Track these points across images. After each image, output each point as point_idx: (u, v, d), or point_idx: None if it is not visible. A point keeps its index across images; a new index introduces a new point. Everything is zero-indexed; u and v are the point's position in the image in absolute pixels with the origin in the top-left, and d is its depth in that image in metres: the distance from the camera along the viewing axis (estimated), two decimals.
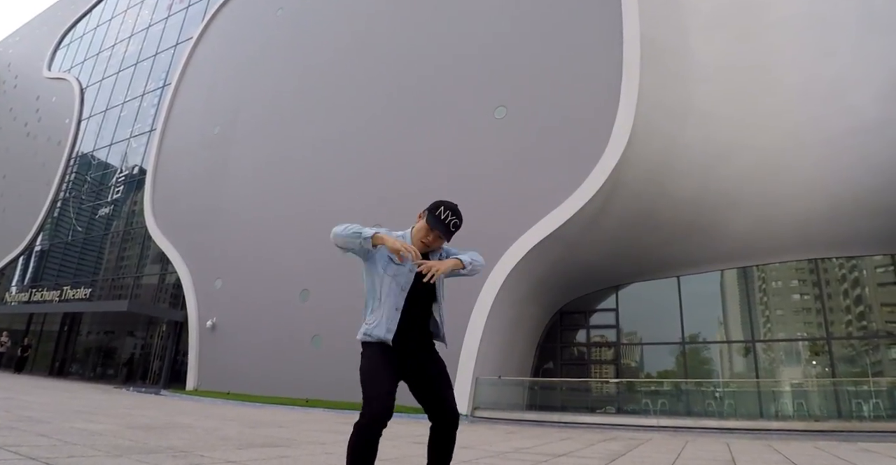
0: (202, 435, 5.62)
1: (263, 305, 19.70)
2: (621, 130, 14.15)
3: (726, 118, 14.38)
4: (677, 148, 14.67)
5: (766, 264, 17.89)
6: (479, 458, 5.06)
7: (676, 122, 14.62)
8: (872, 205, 14.68)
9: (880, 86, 13.49)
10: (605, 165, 14.12)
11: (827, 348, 16.87)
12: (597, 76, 15.35)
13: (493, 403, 15.79)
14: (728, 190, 15.17)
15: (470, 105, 17.52)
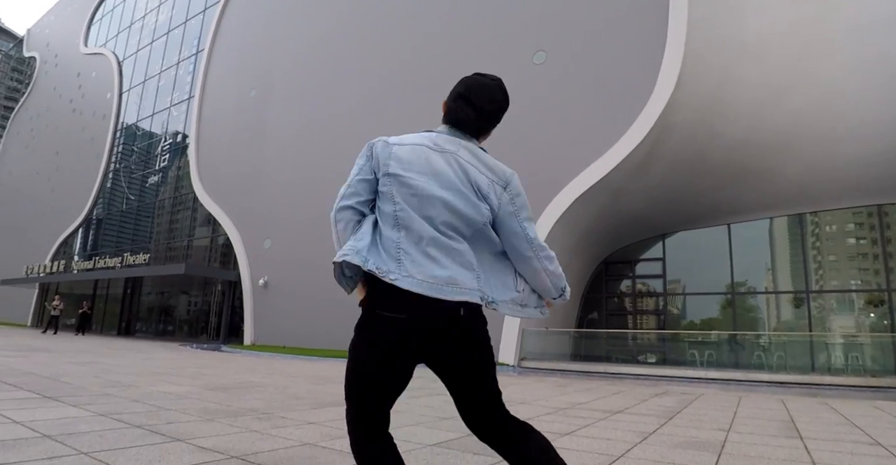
0: (275, 395, 5.98)
1: (312, 262, 20.25)
2: (670, 68, 13.56)
3: (782, 52, 13.58)
4: (729, 85, 14.00)
5: (823, 210, 17.28)
6: (540, 415, 5.25)
7: (728, 57, 13.86)
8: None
9: None
10: (653, 108, 13.64)
11: (887, 297, 16.38)
12: (642, 11, 14.62)
13: (539, 353, 16.12)
14: (783, 130, 14.51)
15: (508, 50, 17.04)
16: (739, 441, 4.17)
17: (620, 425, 4.81)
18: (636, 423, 4.93)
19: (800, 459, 3.57)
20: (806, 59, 13.48)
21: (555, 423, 4.74)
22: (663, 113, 13.32)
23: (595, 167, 14.36)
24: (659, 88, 13.44)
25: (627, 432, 4.44)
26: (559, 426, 4.60)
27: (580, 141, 14.84)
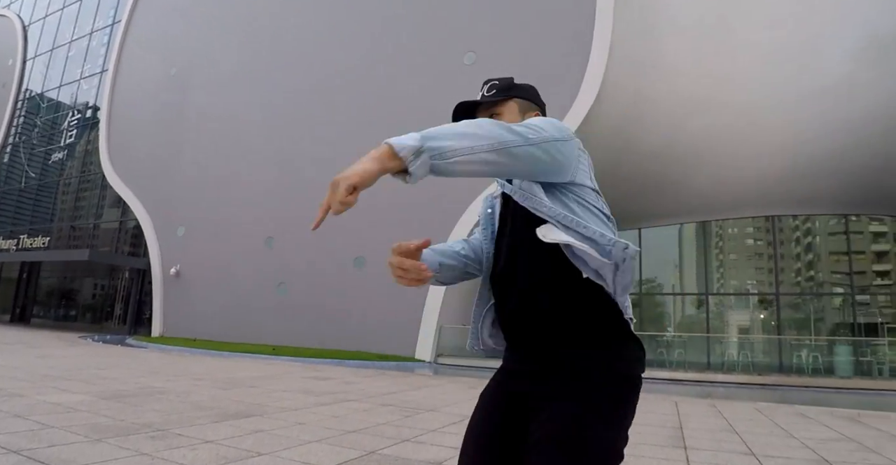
0: (176, 404, 5.78)
1: (228, 252, 19.58)
2: (592, 81, 14.13)
3: (695, 74, 14.43)
4: (645, 102, 14.74)
5: (725, 219, 18.59)
6: (445, 425, 5.37)
7: (646, 75, 14.60)
8: (831, 166, 15.20)
9: (852, 47, 13.60)
10: (575, 116, 14.16)
11: (775, 300, 17.88)
12: (568, 25, 15.11)
13: (457, 349, 16.39)
14: (693, 145, 15.47)
15: (440, 49, 17.10)
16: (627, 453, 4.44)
17: None
18: None
19: None
20: (714, 82, 14.37)
21: (459, 436, 4.86)
22: (583, 123, 13.84)
23: None
24: (580, 99, 13.95)
25: None
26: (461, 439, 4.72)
27: None
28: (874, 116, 14.09)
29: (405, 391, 8.17)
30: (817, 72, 13.84)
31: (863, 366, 16.31)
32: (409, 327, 15.95)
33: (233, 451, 3.86)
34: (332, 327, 16.89)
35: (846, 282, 18.59)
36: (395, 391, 8.04)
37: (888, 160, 14.94)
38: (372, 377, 10.18)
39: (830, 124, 14.42)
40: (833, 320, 18.36)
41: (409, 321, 15.95)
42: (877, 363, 16.41)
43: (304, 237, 17.66)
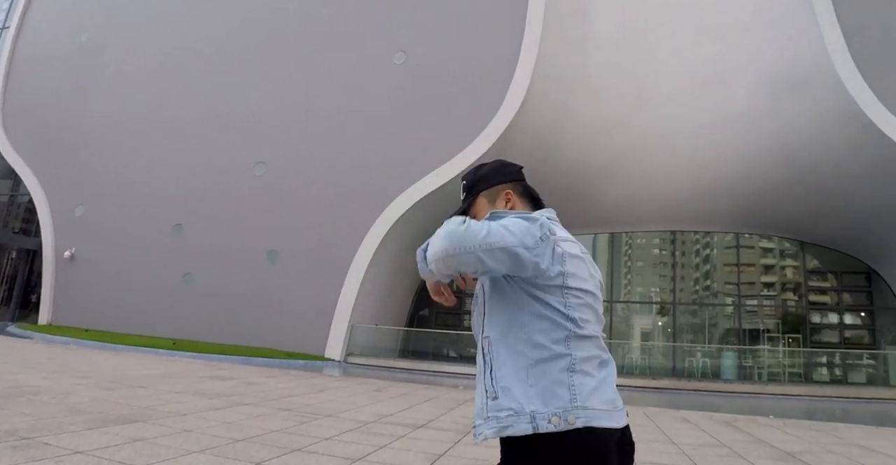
0: (51, 407, 5.37)
1: (131, 237, 18.47)
2: (517, 90, 14.45)
3: (614, 93, 15.09)
4: (567, 115, 15.25)
5: (633, 231, 19.62)
6: (342, 433, 5.30)
7: (570, 90, 15.10)
8: (727, 190, 16.35)
9: (755, 79, 14.67)
10: (499, 124, 14.45)
11: (672, 309, 19.09)
12: (499, 31, 15.37)
13: (368, 349, 16.31)
14: (606, 162, 16.18)
15: (371, 47, 16.91)
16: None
17: (416, 444, 5.03)
18: (432, 442, 5.18)
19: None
20: (632, 102, 15.11)
21: (352, 445, 4.82)
22: (507, 131, 14.13)
23: (438, 173, 14.86)
24: (505, 106, 14.23)
25: (419, 454, 4.66)
26: (355, 448, 4.69)
27: (428, 146, 15.23)
28: (767, 148, 15.31)
29: (308, 394, 8.01)
30: (722, 101, 14.86)
31: (745, 371, 17.70)
32: (320, 324, 15.69)
33: (104, 463, 3.62)
34: (239, 323, 16.32)
35: (736, 292, 20.12)
36: (296, 394, 7.87)
37: (776, 188, 16.29)
38: (276, 378, 9.92)
39: (729, 151, 15.53)
40: (724, 326, 19.82)
41: (320, 319, 15.68)
42: (757, 368, 17.88)
43: (216, 226, 16.96)
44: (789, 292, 20.58)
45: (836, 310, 20.38)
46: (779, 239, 20.36)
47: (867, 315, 20.14)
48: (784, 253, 20.63)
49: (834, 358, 19.48)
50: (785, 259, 20.78)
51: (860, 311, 20.28)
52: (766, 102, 14.74)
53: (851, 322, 20.50)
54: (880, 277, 19.20)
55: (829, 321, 20.60)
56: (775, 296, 20.61)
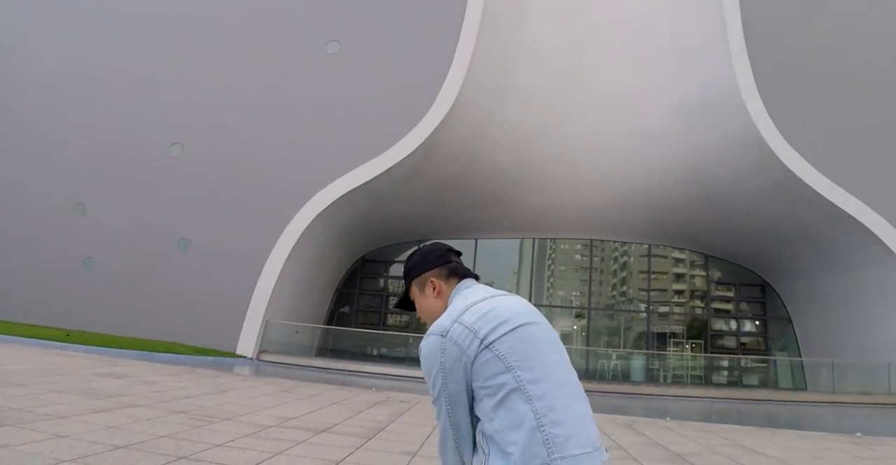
0: None
1: (24, 215, 17.03)
2: (448, 93, 14.48)
3: (542, 104, 15.44)
4: (495, 122, 15.45)
5: (555, 238, 20.22)
6: (237, 438, 5.07)
7: (499, 96, 15.31)
8: (643, 202, 17.11)
9: (671, 102, 15.43)
10: (428, 125, 14.41)
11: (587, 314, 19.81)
12: (435, 34, 15.35)
13: (283, 346, 15.85)
14: (532, 169, 16.53)
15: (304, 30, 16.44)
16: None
17: (315, 450, 4.88)
18: (331, 448, 5.05)
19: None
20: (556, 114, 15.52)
21: (245, 451, 4.61)
22: (435, 132, 14.13)
23: (363, 170, 14.69)
24: (435, 108, 14.24)
25: (316, 460, 4.52)
26: (248, 455, 4.49)
27: (355, 141, 15.02)
28: (677, 166, 16.16)
29: (209, 395, 7.64)
30: (640, 120, 15.55)
31: (652, 373, 18.60)
32: (232, 319, 15.08)
33: None
34: (144, 315, 15.41)
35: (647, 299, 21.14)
36: (196, 394, 7.49)
37: (683, 204, 17.24)
38: (177, 376, 9.41)
39: (644, 167, 16.28)
40: (637, 330, 20.75)
41: (233, 314, 15.07)
42: (662, 371, 18.83)
43: (123, 208, 15.96)
44: (696, 300, 21.84)
45: (735, 318, 21.81)
46: (690, 251, 21.56)
47: (761, 324, 21.68)
48: (693, 264, 21.86)
49: (731, 363, 20.81)
50: (693, 269, 22.02)
51: (755, 319, 21.79)
52: (678, 124, 15.55)
53: (747, 330, 22.00)
54: (773, 289, 20.71)
55: (727, 328, 22.02)
56: (684, 303, 21.82)
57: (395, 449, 5.24)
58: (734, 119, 14.86)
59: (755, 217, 17.04)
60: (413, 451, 5.22)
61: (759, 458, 6.12)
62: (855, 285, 16.63)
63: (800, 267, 18.60)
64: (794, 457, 6.26)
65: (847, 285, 16.89)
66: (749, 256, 20.15)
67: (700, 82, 15.18)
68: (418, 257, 1.75)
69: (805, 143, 14.82)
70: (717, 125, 15.26)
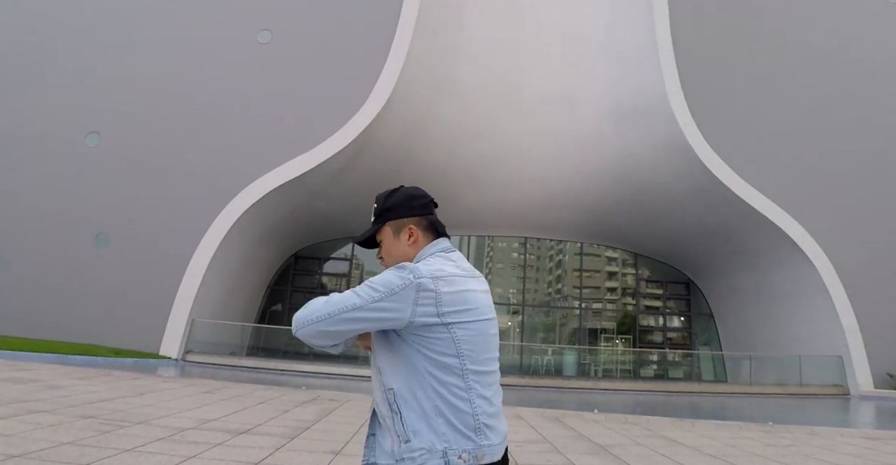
0: None
1: None
2: (384, 87, 14.31)
3: (479, 103, 15.53)
4: (432, 119, 15.41)
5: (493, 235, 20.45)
6: (149, 442, 4.80)
7: (436, 93, 15.27)
8: (575, 202, 17.54)
9: (604, 105, 15.87)
10: (362, 120, 14.22)
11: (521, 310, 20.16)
12: (371, 26, 15.16)
13: (211, 346, 15.29)
14: (468, 168, 16.62)
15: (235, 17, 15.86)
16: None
17: (232, 453, 4.69)
18: (250, 450, 4.86)
19: None
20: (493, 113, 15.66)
21: (156, 456, 4.37)
22: (369, 127, 13.95)
23: (294, 164, 14.34)
24: (370, 102, 14.07)
25: (231, 463, 4.33)
26: (158, 460, 4.25)
27: (286, 134, 14.64)
28: (610, 168, 16.68)
29: (123, 398, 7.23)
30: (574, 122, 15.94)
31: (584, 368, 19.10)
32: (155, 319, 14.38)
33: None
34: (57, 315, 14.43)
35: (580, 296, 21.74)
36: (109, 398, 7.07)
37: (614, 204, 17.83)
38: (90, 379, 8.87)
39: (576, 167, 16.70)
40: (570, 326, 21.28)
41: (156, 313, 14.38)
42: (594, 365, 19.38)
43: (36, 202, 14.91)
44: (627, 297, 22.63)
45: (662, 314, 22.74)
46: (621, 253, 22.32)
47: (686, 320, 22.70)
48: (625, 262, 22.65)
49: (658, 357, 21.69)
50: (625, 268, 22.81)
51: (681, 316, 22.80)
52: (610, 127, 16.04)
53: (673, 325, 22.99)
54: (697, 287, 21.74)
55: (655, 324, 22.93)
56: (615, 300, 22.57)
57: (318, 448, 5.11)
58: (662, 125, 15.46)
59: (680, 218, 17.81)
60: (337, 450, 5.10)
61: (677, 447, 6.35)
62: (769, 283, 17.67)
63: (720, 266, 19.59)
64: (709, 445, 6.54)
65: (762, 283, 17.93)
66: (675, 255, 21.06)
67: (632, 89, 15.70)
68: (401, 198, 1.67)
69: (728, 149, 15.60)
70: (647, 131, 15.84)
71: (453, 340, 1.45)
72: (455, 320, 1.46)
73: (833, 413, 12.70)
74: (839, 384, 16.09)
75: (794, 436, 7.51)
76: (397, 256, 1.63)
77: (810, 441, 7.15)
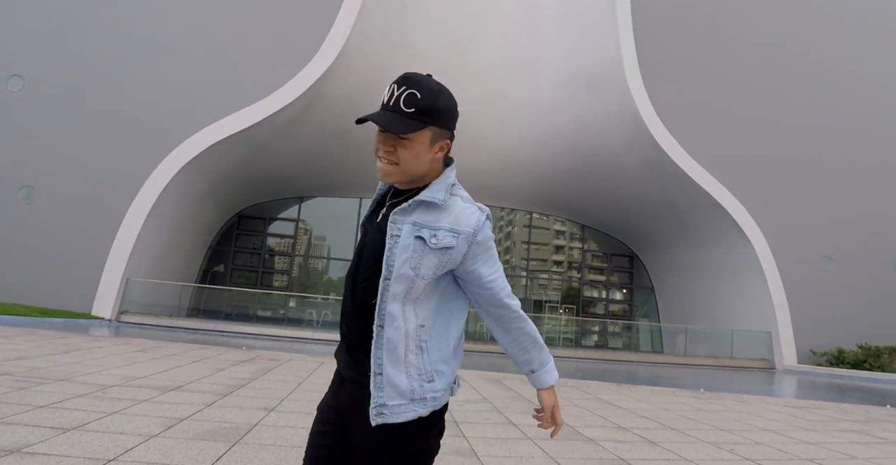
0: None
1: None
2: (335, 41, 13.74)
3: (433, 63, 15.06)
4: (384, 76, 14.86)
5: None
6: (73, 397, 4.51)
7: (389, 50, 14.76)
8: (527, 170, 17.52)
9: (562, 73, 15.73)
10: (311, 73, 13.67)
11: None
12: None
13: (148, 307, 14.73)
14: None
15: None
16: (271, 424, 4.27)
17: (158, 409, 4.45)
18: (178, 406, 4.64)
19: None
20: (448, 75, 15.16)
21: (73, 412, 4.10)
22: (319, 81, 13.42)
23: (240, 116, 13.67)
24: (321, 55, 13.50)
25: (155, 419, 4.11)
26: (75, 416, 3.99)
27: (229, 86, 13.91)
28: (561, 136, 16.69)
29: (46, 356, 6.82)
30: (530, 88, 15.78)
31: None
32: (87, 278, 13.66)
33: None
34: None
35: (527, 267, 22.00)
36: (31, 356, 6.64)
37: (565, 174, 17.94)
38: (12, 338, 8.34)
39: (530, 135, 16.64)
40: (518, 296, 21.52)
41: (87, 271, 13.65)
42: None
43: None
44: (573, 271, 23.06)
45: (605, 286, 23.35)
46: (570, 223, 22.61)
47: (628, 292, 23.39)
48: (572, 236, 23.01)
49: (599, 327, 22.33)
50: (571, 241, 23.17)
51: (623, 288, 23.46)
52: (566, 95, 15.97)
53: (616, 298, 23.65)
54: (640, 260, 22.35)
55: (598, 296, 23.54)
56: (562, 273, 22.95)
57: (251, 405, 4.93)
58: (616, 95, 15.52)
59: (628, 191, 18.11)
60: (271, 406, 4.94)
61: (613, 409, 6.49)
62: (709, 259, 18.31)
63: (664, 240, 20.15)
64: (645, 408, 6.72)
65: (703, 258, 18.57)
66: (621, 228, 21.51)
67: (588, 56, 15.63)
68: (451, 104, 1.42)
69: (678, 125, 15.85)
70: (601, 100, 15.86)
71: (465, 285, 1.46)
72: (471, 268, 1.42)
73: (759, 385, 13.39)
74: (766, 359, 16.99)
75: (724, 403, 7.83)
76: (416, 167, 1.40)
77: (739, 407, 7.47)
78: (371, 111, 1.39)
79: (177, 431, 3.84)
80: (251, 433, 3.97)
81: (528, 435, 4.65)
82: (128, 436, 3.58)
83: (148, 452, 3.30)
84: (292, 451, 3.58)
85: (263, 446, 3.66)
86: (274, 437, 3.92)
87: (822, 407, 8.14)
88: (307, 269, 20.11)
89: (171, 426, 3.93)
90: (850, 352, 16.57)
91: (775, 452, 4.74)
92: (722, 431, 5.62)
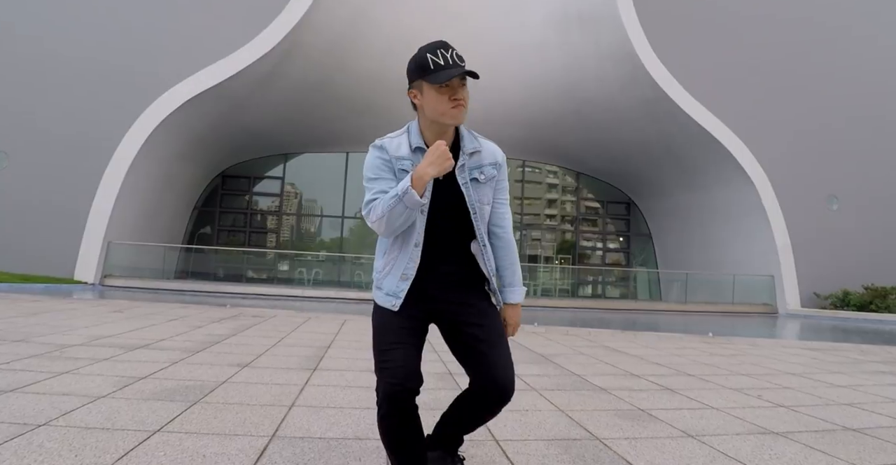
0: None
1: None
2: None
3: (418, 4, 14.17)
4: (366, 22, 14.01)
5: None
6: (13, 361, 4.05)
7: None
8: (514, 115, 16.75)
9: (549, 10, 14.75)
10: (285, 22, 12.78)
11: None
12: None
13: (132, 270, 14.26)
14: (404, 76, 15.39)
15: None
16: (242, 381, 3.83)
17: (115, 368, 4.01)
18: (139, 364, 4.20)
19: (280, 402, 3.32)
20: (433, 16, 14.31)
21: (19, 373, 3.65)
22: (294, 30, 12.60)
23: (213, 70, 12.85)
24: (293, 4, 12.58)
25: (110, 378, 3.67)
26: (20, 377, 3.53)
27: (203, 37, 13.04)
28: (552, 78, 15.87)
29: (10, 318, 6.38)
30: (519, 29, 14.85)
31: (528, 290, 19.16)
32: (67, 242, 13.14)
33: None
34: None
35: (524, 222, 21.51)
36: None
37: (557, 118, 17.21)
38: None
39: (519, 79, 15.81)
40: None
41: (67, 235, 13.12)
42: (533, 285, 19.43)
43: None
44: (568, 218, 22.59)
45: (601, 235, 22.93)
46: (563, 170, 21.97)
47: (624, 240, 23.00)
48: (565, 189, 22.43)
49: (596, 277, 22.06)
50: (566, 187, 22.61)
51: (619, 236, 23.07)
52: (556, 35, 15.06)
53: (612, 247, 23.29)
54: (637, 206, 21.86)
55: (594, 245, 23.16)
56: (556, 226, 22.49)
57: (222, 362, 4.49)
58: (609, 32, 14.65)
59: (625, 134, 17.43)
60: (245, 362, 4.50)
61: (621, 356, 6.12)
62: (710, 203, 17.82)
63: (662, 185, 19.60)
64: (654, 354, 6.36)
65: (703, 202, 18.07)
66: (617, 173, 20.91)
67: None
68: (410, 61, 1.92)
69: (676, 62, 15.07)
70: (593, 38, 14.99)
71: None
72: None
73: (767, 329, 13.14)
74: (768, 303, 16.73)
75: (737, 347, 7.47)
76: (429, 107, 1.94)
77: (753, 351, 7.11)
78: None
79: (130, 391, 3.39)
80: (216, 391, 3.53)
81: (531, 386, 4.25)
82: (71, 397, 3.13)
83: (88, 415, 2.84)
84: (260, 410, 3.14)
85: (227, 405, 3.22)
86: (241, 395, 3.47)
87: (843, 349, 7.80)
88: (296, 227, 19.58)
89: (125, 386, 3.49)
90: (855, 294, 16.31)
91: (807, 397, 4.35)
92: (742, 375, 5.23)
